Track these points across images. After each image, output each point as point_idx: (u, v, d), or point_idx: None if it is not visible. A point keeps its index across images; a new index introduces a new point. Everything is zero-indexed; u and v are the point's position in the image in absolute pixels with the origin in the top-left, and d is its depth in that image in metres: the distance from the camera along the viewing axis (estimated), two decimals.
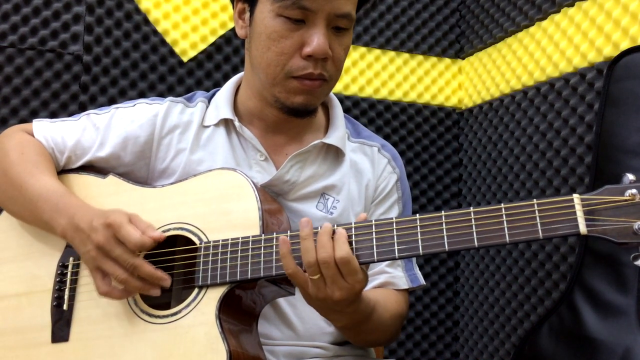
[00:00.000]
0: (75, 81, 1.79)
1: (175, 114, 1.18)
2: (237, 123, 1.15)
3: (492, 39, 1.98)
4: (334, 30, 1.07)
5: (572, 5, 1.63)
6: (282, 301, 1.13)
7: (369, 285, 1.16)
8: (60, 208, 1.06)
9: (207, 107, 1.20)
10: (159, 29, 1.85)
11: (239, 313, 1.02)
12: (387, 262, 1.18)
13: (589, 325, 1.30)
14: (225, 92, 1.20)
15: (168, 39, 1.86)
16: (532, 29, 1.79)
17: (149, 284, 1.00)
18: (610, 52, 1.47)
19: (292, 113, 1.11)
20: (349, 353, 1.19)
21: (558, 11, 1.68)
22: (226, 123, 1.18)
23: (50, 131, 1.19)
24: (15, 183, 1.11)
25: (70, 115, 1.76)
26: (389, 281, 1.18)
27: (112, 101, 1.81)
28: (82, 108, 1.79)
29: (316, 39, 1.04)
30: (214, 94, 1.23)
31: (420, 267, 1.67)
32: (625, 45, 1.42)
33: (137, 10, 1.84)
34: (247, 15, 1.12)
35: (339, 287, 0.91)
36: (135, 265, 0.98)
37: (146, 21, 1.85)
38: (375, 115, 2.05)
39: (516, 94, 1.83)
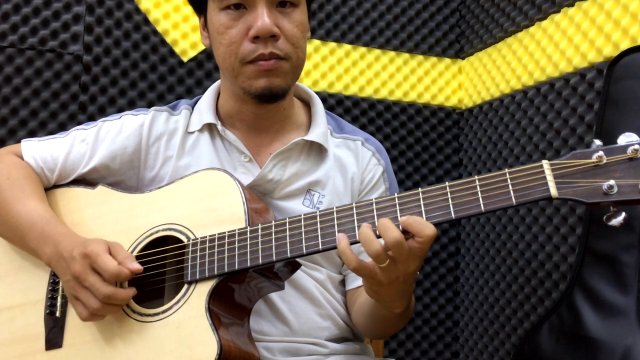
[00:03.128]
0: (75, 81, 1.79)
1: (160, 122, 1.21)
2: (219, 127, 1.18)
3: (492, 39, 1.98)
4: (280, 9, 1.09)
5: (572, 5, 1.63)
6: (275, 297, 1.13)
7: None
8: (45, 236, 1.07)
9: (190, 113, 1.22)
10: (159, 29, 1.86)
11: (230, 307, 1.03)
12: None
13: (589, 325, 1.30)
14: (207, 98, 1.23)
15: (168, 39, 1.86)
16: (532, 29, 1.79)
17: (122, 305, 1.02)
18: (610, 52, 1.47)
19: (262, 99, 1.12)
20: (346, 350, 1.19)
21: (558, 11, 1.68)
22: (210, 128, 1.20)
23: (39, 151, 1.20)
24: (2, 209, 1.12)
25: (70, 115, 1.78)
26: None
27: (112, 101, 1.82)
28: (82, 108, 1.79)
29: (258, 19, 1.06)
30: (197, 101, 1.25)
31: (420, 267, 1.67)
32: (625, 45, 1.42)
33: (137, 10, 1.84)
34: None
35: (413, 259, 0.88)
36: (108, 295, 0.98)
37: (146, 21, 1.85)
38: (375, 115, 2.05)
39: (516, 94, 1.83)
